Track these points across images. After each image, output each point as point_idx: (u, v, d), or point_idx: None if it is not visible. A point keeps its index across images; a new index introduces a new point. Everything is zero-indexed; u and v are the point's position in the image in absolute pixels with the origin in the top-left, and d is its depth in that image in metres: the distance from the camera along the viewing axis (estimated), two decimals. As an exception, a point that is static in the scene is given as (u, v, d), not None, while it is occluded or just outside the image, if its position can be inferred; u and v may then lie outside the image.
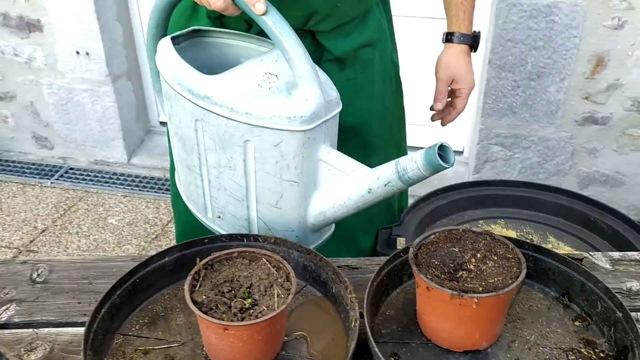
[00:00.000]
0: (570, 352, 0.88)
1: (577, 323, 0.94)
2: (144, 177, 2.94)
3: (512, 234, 1.69)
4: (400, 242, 1.55)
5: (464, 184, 1.80)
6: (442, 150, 0.83)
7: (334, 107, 0.97)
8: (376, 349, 0.80)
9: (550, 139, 2.43)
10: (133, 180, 2.92)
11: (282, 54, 0.92)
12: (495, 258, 0.89)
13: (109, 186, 2.89)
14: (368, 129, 1.24)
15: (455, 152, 2.84)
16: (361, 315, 0.88)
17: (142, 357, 0.87)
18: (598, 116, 2.33)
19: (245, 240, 1.01)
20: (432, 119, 1.38)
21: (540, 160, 2.50)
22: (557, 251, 1.60)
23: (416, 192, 2.75)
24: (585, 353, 0.88)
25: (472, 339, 0.87)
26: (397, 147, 1.46)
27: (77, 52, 2.76)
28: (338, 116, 0.99)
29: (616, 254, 1.10)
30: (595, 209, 1.70)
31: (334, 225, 1.11)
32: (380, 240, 1.62)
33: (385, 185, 0.89)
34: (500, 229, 1.71)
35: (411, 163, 0.85)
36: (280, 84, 0.94)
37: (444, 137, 2.81)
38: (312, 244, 1.06)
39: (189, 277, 0.84)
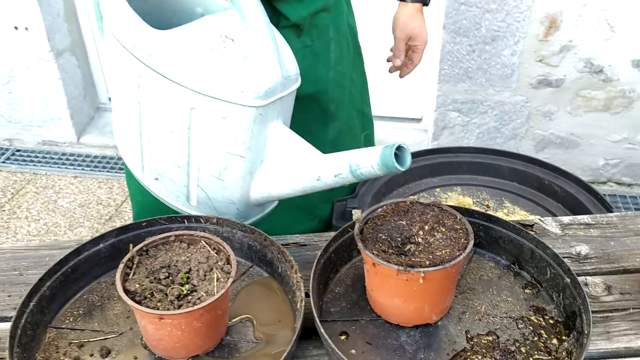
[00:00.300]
0: (520, 321, 0.87)
1: (527, 290, 0.93)
2: (95, 157, 2.84)
3: (469, 200, 1.68)
4: (356, 214, 1.52)
5: (419, 152, 1.78)
6: (400, 150, 0.78)
7: (292, 83, 0.90)
8: (322, 330, 0.77)
9: (507, 103, 2.43)
10: (84, 160, 2.82)
11: (242, 20, 0.83)
12: (444, 230, 0.87)
13: (58, 167, 2.78)
14: (325, 96, 1.22)
15: (413, 119, 2.83)
16: (307, 295, 0.85)
17: (77, 351, 0.82)
18: (552, 79, 2.33)
19: (186, 222, 0.96)
20: (390, 71, 1.44)
21: (498, 124, 2.50)
22: (512, 217, 1.61)
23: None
24: (535, 320, 0.87)
25: (422, 314, 0.85)
26: (361, 114, 1.43)
27: (16, 28, 2.61)
28: (295, 93, 0.92)
29: (566, 219, 1.09)
30: (549, 172, 1.70)
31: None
32: (335, 212, 1.59)
33: (335, 176, 0.83)
34: (457, 196, 1.70)
35: (365, 160, 0.79)
36: (236, 51, 0.85)
37: (404, 104, 2.78)
38: (254, 217, 1.01)
39: (121, 265, 0.79)
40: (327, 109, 1.24)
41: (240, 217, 0.98)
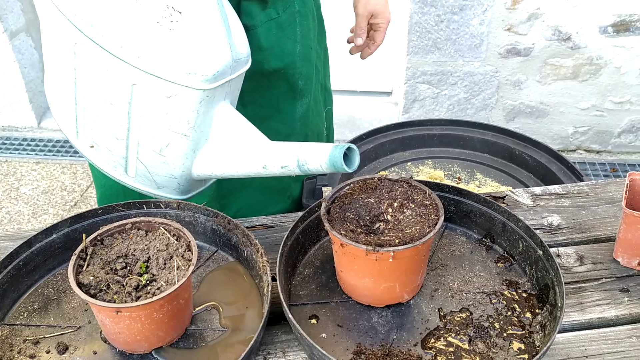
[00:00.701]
0: (493, 296, 0.86)
1: (500, 264, 0.91)
2: (57, 141, 2.73)
3: (440, 174, 1.66)
4: (327, 192, 1.49)
5: (389, 126, 1.75)
6: (349, 151, 0.76)
7: (242, 65, 0.85)
8: (290, 315, 0.74)
9: (476, 74, 2.41)
10: (45, 145, 2.71)
11: None
12: (413, 206, 0.84)
13: (19, 153, 2.68)
14: (293, 72, 1.17)
15: (383, 93, 2.80)
16: (274, 279, 0.82)
17: (33, 348, 0.77)
18: (520, 47, 2.31)
19: (145, 207, 0.91)
20: (351, 52, 1.35)
21: (468, 96, 2.48)
22: (484, 188, 1.60)
23: (343, 136, 2.70)
24: (508, 295, 0.86)
25: (393, 293, 0.82)
26: (324, 89, 1.40)
27: (-36, 8, 2.47)
28: (244, 74, 0.88)
29: (537, 189, 1.07)
30: (519, 142, 1.69)
31: None
32: (305, 191, 1.56)
33: (282, 168, 0.80)
34: (428, 170, 1.68)
35: (314, 158, 0.76)
36: (183, 26, 0.78)
37: (374, 78, 2.74)
38: (195, 191, 0.96)
39: (74, 257, 0.75)
40: (295, 84, 1.21)
41: (180, 191, 0.93)
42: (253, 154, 0.82)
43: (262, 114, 1.14)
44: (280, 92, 1.16)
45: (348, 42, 1.35)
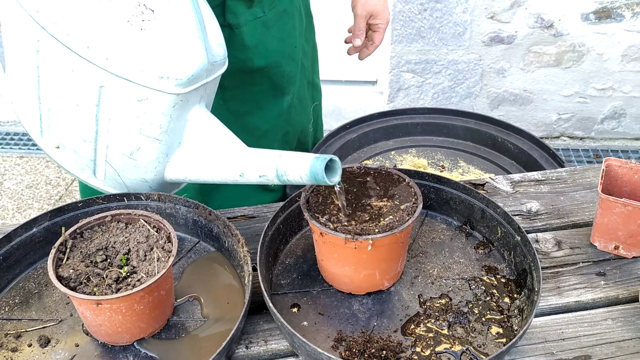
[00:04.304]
0: (473, 281, 0.87)
1: (479, 250, 0.92)
2: (41, 135, 2.71)
3: (424, 162, 1.67)
4: (311, 182, 1.50)
5: (373, 115, 1.76)
6: (331, 162, 0.73)
7: (218, 68, 0.80)
8: (270, 304, 0.75)
9: (460, 62, 2.41)
10: (29, 139, 2.69)
11: None
12: (392, 194, 0.85)
13: (2, 147, 2.65)
14: (277, 70, 1.17)
15: (368, 82, 2.80)
16: (255, 269, 0.83)
17: (14, 342, 0.78)
18: (504, 35, 2.32)
19: (125, 200, 0.91)
20: (349, 52, 1.31)
21: (452, 84, 2.49)
22: (467, 176, 1.61)
23: (328, 126, 2.70)
24: (487, 280, 0.87)
25: (373, 281, 0.83)
26: (311, 85, 1.39)
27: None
28: (220, 77, 0.84)
29: (516, 176, 1.09)
30: (502, 130, 1.71)
31: None
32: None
33: (260, 177, 0.76)
34: (412, 158, 1.69)
35: (294, 169, 0.73)
36: (156, 26, 0.73)
37: (359, 68, 2.73)
38: (168, 192, 0.95)
39: (53, 250, 0.75)
40: (278, 82, 1.20)
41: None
42: (229, 160, 0.78)
43: (242, 109, 1.14)
44: (262, 89, 1.16)
45: (346, 42, 1.33)
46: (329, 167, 0.73)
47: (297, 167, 0.73)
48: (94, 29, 0.72)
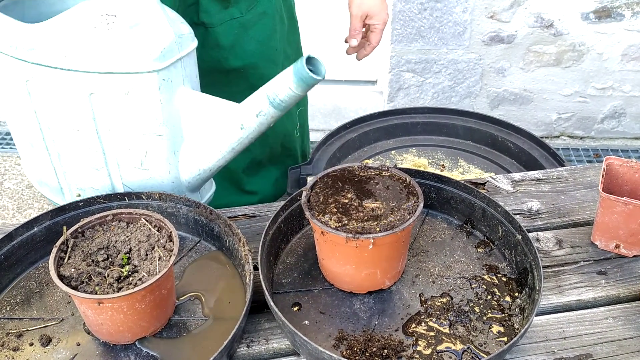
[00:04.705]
0: (474, 280, 0.87)
1: (480, 249, 0.92)
2: (41, 135, 2.71)
3: (424, 161, 1.67)
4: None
5: (373, 115, 1.76)
6: (311, 63, 0.75)
7: (188, 41, 0.84)
8: (272, 303, 0.75)
9: (460, 62, 2.41)
10: (29, 139, 2.69)
11: None
12: (393, 193, 0.85)
13: (2, 147, 2.65)
14: (254, 72, 1.16)
15: (368, 82, 2.80)
16: (256, 268, 0.83)
17: (16, 341, 0.78)
18: (504, 35, 2.32)
19: (126, 199, 0.91)
20: (348, 52, 1.29)
21: (452, 83, 2.48)
22: (467, 175, 1.61)
23: (328, 125, 2.70)
24: (488, 279, 0.87)
25: (374, 280, 0.83)
26: None
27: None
28: (195, 54, 0.87)
29: (517, 175, 1.09)
30: (502, 129, 1.71)
31: (214, 184, 1.03)
32: (290, 181, 1.56)
33: (257, 116, 0.79)
34: (412, 158, 1.69)
35: (281, 85, 0.76)
36: (121, 24, 0.78)
37: (359, 67, 2.73)
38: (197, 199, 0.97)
39: (55, 249, 0.75)
40: (256, 84, 1.17)
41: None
42: (228, 121, 0.81)
43: None
44: (238, 90, 1.12)
45: (345, 41, 1.31)
46: (312, 69, 0.76)
47: (284, 82, 0.76)
48: (69, 41, 0.78)
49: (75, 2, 0.89)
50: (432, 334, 0.79)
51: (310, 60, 0.75)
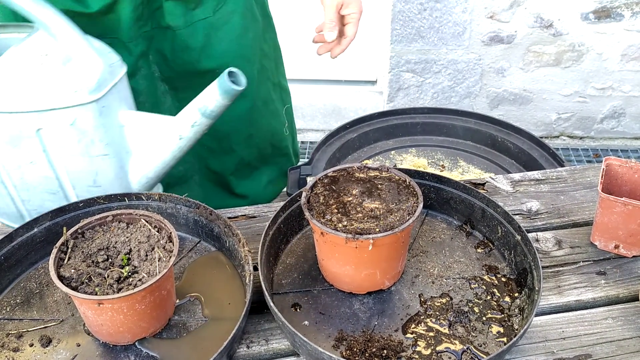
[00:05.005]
0: (473, 281, 0.87)
1: (479, 250, 0.92)
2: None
3: (424, 162, 1.67)
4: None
5: (373, 115, 1.76)
6: (232, 76, 0.85)
7: (119, 68, 0.91)
8: (271, 304, 0.75)
9: (460, 62, 2.42)
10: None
11: (46, 31, 0.83)
12: (393, 194, 0.85)
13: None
14: None
15: (368, 82, 2.80)
16: (256, 268, 0.83)
17: (16, 342, 0.78)
18: (503, 35, 2.32)
19: (126, 199, 0.91)
20: (319, 52, 1.15)
21: (452, 84, 2.49)
22: (467, 175, 1.61)
23: (328, 126, 2.70)
24: (488, 279, 0.87)
25: (374, 280, 0.83)
26: (278, 87, 1.33)
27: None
28: (126, 78, 0.93)
29: (516, 176, 1.09)
30: (501, 129, 1.71)
31: (160, 185, 1.07)
32: (290, 181, 1.56)
33: (192, 127, 0.88)
34: (412, 158, 1.69)
35: (209, 98, 0.86)
36: (53, 61, 0.85)
37: (358, 67, 2.74)
38: None
39: (55, 250, 0.75)
40: None
41: None
42: (167, 134, 0.89)
43: None
44: None
45: (314, 42, 1.17)
46: (234, 82, 0.86)
47: (211, 95, 0.85)
48: (9, 85, 0.83)
49: (4, 48, 0.94)
50: (431, 334, 0.79)
51: (232, 74, 0.85)
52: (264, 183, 1.33)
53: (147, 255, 0.77)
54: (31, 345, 0.77)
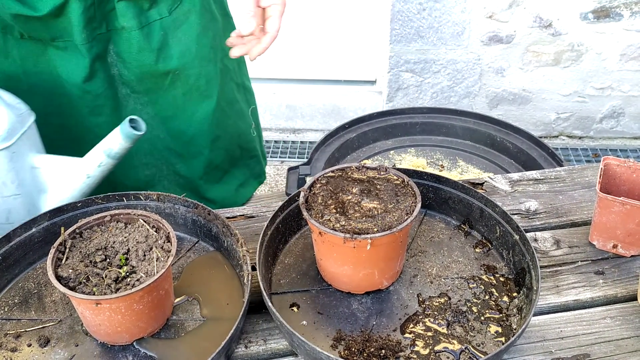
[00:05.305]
0: (472, 280, 0.87)
1: (477, 250, 0.92)
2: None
3: (423, 161, 1.67)
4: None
5: (372, 115, 1.76)
6: (133, 122, 0.92)
7: (27, 117, 0.96)
8: (269, 304, 0.75)
9: (459, 62, 2.42)
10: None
11: None
12: (391, 193, 0.85)
13: None
14: (192, 72, 1.10)
15: (367, 82, 2.80)
16: (254, 268, 0.83)
17: (14, 342, 0.78)
18: (502, 35, 2.32)
19: (125, 200, 0.92)
20: (233, 54, 0.98)
21: (451, 83, 2.49)
22: (466, 175, 1.61)
23: (327, 125, 2.70)
24: (486, 279, 0.87)
25: (372, 280, 0.83)
26: (242, 87, 1.29)
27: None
28: (35, 126, 0.97)
29: (515, 175, 1.09)
30: (500, 129, 1.71)
31: None
32: (289, 182, 1.56)
33: (99, 167, 0.95)
34: (411, 158, 1.69)
35: (113, 141, 0.93)
36: None
37: (357, 67, 2.74)
38: None
39: (52, 250, 0.75)
40: (196, 84, 1.12)
41: None
42: (75, 174, 0.96)
43: (164, 114, 1.10)
44: (181, 92, 1.11)
45: (227, 44, 0.99)
46: (135, 127, 0.93)
47: (115, 139, 0.92)
48: None
49: None
50: (429, 334, 0.79)
51: (132, 120, 0.92)
52: (234, 186, 1.29)
53: (145, 255, 0.77)
54: (29, 345, 0.77)
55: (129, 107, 1.08)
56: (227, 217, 0.99)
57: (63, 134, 1.08)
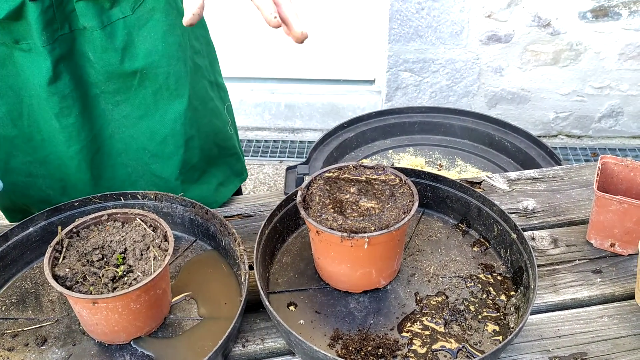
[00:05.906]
0: (469, 279, 0.87)
1: (475, 248, 0.92)
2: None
3: (421, 161, 1.67)
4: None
5: (370, 114, 1.76)
6: None
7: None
8: (267, 303, 0.75)
9: (458, 61, 2.42)
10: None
11: None
12: (388, 192, 0.85)
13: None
14: (160, 71, 1.08)
15: (366, 81, 2.80)
16: (251, 267, 0.83)
17: (11, 341, 0.78)
18: (501, 34, 2.32)
19: (122, 199, 0.91)
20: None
21: (450, 83, 2.49)
22: (464, 174, 1.61)
23: (326, 125, 2.70)
24: (484, 278, 0.87)
25: (370, 279, 0.83)
26: (215, 85, 1.27)
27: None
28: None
29: (513, 174, 1.09)
30: (499, 128, 1.71)
31: None
32: (288, 181, 1.56)
33: None
34: (409, 157, 1.69)
35: None
36: None
37: (356, 67, 2.74)
38: None
39: (49, 249, 0.75)
40: (166, 84, 1.11)
41: None
42: None
43: (136, 113, 1.09)
44: (151, 91, 1.09)
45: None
46: None
47: None
48: None
49: None
50: (427, 332, 0.79)
51: None
52: (214, 186, 1.27)
53: (142, 255, 0.77)
54: (26, 344, 0.77)
55: (99, 107, 1.07)
56: (225, 217, 0.99)
57: (35, 136, 1.07)
